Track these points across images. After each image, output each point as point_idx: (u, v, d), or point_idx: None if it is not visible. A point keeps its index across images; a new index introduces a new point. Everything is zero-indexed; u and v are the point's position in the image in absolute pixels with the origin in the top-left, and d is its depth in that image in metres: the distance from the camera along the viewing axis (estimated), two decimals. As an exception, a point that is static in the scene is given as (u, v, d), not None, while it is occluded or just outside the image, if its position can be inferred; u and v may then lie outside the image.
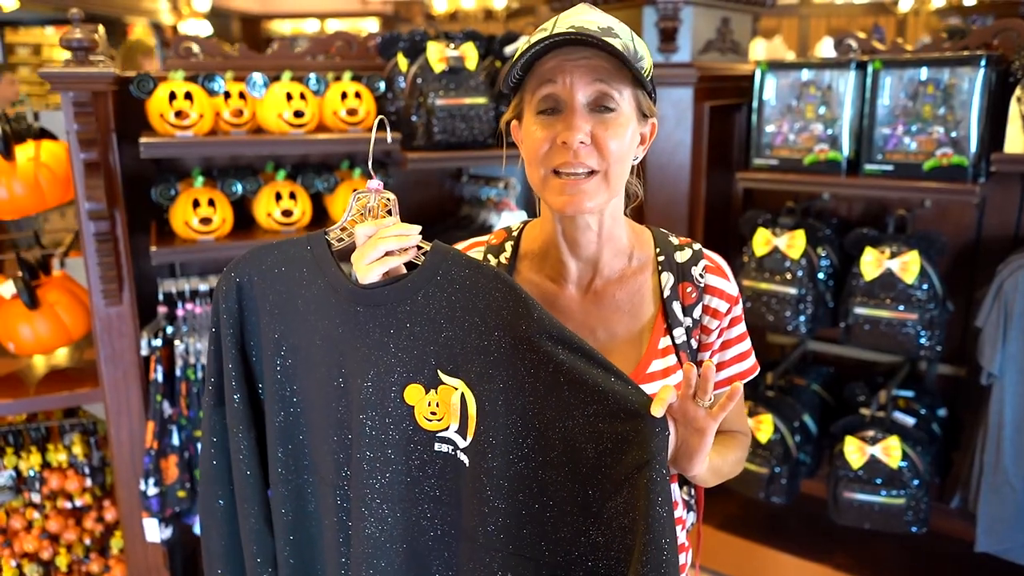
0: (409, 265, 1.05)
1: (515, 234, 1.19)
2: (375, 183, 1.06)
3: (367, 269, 1.00)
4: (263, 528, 1.16)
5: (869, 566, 2.54)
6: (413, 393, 1.02)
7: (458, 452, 1.03)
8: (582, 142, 0.99)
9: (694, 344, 1.12)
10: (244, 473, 1.14)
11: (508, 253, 1.17)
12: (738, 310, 1.13)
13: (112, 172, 2.04)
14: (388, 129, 1.20)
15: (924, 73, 2.22)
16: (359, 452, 1.04)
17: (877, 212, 2.59)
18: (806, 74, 2.42)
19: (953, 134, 2.17)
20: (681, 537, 1.21)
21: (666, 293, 1.11)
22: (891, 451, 2.28)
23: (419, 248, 1.03)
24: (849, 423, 2.40)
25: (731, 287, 1.13)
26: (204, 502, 1.19)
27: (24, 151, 2.13)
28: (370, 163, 1.12)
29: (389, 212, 1.06)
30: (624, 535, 0.94)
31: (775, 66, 2.49)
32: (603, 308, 1.11)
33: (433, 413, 1.02)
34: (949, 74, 2.18)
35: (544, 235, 1.14)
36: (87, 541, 2.31)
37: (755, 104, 2.51)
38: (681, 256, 1.13)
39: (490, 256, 1.18)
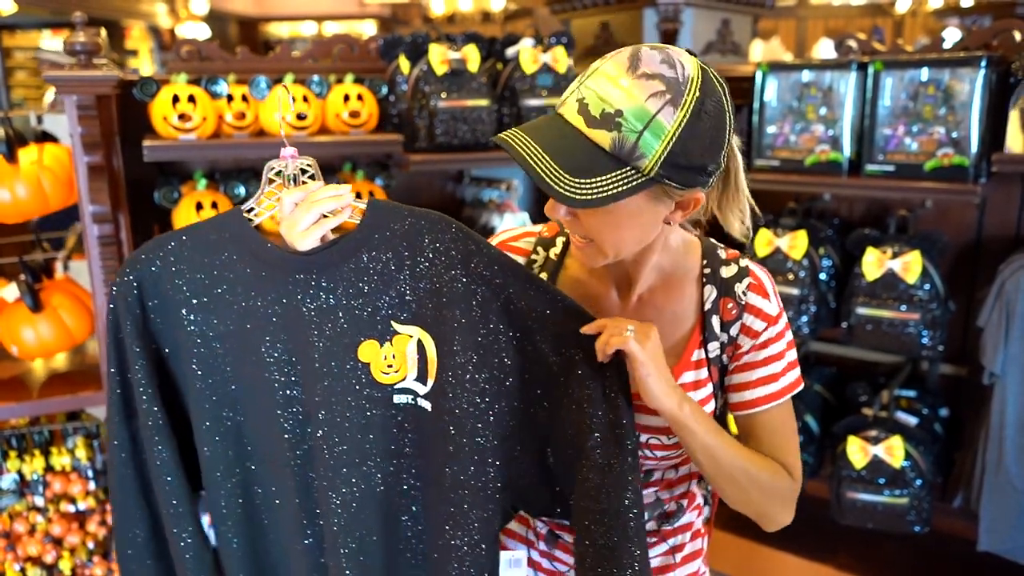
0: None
1: (545, 232, 1.20)
2: (290, 150, 1.04)
3: (304, 235, 0.99)
4: (198, 543, 1.09)
5: (871, 566, 2.55)
6: (367, 350, 1.02)
7: (418, 400, 1.04)
8: (564, 218, 1.00)
9: (725, 360, 1.11)
10: (167, 484, 1.06)
11: (558, 249, 1.17)
12: (773, 331, 1.09)
13: (116, 175, 2.04)
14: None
15: (925, 74, 2.22)
16: (317, 424, 1.03)
17: (878, 212, 2.60)
18: (807, 75, 2.42)
19: (954, 134, 2.18)
20: (698, 523, 1.23)
21: (707, 306, 1.10)
22: (894, 451, 2.28)
23: (354, 207, 1.03)
24: (851, 423, 2.41)
25: (770, 307, 1.10)
26: (121, 531, 1.10)
27: (27, 154, 2.13)
28: (282, 130, 1.11)
29: (312, 177, 1.05)
30: (579, 453, 1.00)
31: (776, 67, 2.50)
32: (645, 314, 1.11)
33: (390, 366, 1.03)
34: (950, 75, 2.19)
35: None
36: (90, 544, 2.30)
37: (756, 105, 2.52)
38: (727, 271, 1.11)
39: (540, 248, 1.18)
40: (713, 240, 1.17)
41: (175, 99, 2.03)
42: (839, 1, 8.91)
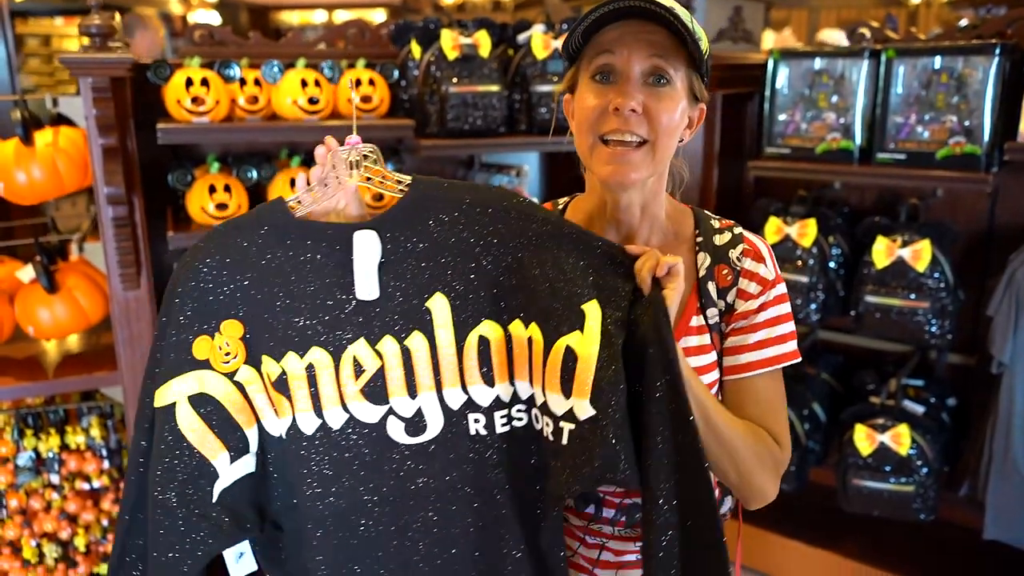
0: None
1: (560, 207, 1.21)
2: (355, 137, 1.06)
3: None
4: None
5: (877, 554, 2.56)
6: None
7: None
8: (633, 110, 1.01)
9: (723, 327, 1.11)
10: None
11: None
12: (770, 296, 1.10)
13: (130, 157, 2.06)
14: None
15: (938, 62, 2.22)
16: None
17: (889, 201, 2.60)
18: (819, 63, 2.42)
19: (966, 123, 2.18)
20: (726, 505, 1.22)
21: (701, 273, 1.11)
22: (900, 439, 2.29)
23: (399, 182, 1.06)
24: (859, 411, 2.41)
25: (766, 271, 1.10)
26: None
27: (42, 137, 2.15)
28: (354, 117, 1.11)
29: (375, 163, 1.07)
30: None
31: (788, 55, 2.49)
32: None
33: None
34: (963, 63, 2.18)
35: (589, 208, 1.16)
36: (104, 522, 2.34)
37: (767, 93, 2.51)
38: (720, 239, 1.13)
39: None
40: (706, 210, 1.18)
41: (188, 82, 2.05)
42: (852, -10, 8.83)
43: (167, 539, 0.99)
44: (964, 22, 2.40)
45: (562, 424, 0.99)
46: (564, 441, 0.98)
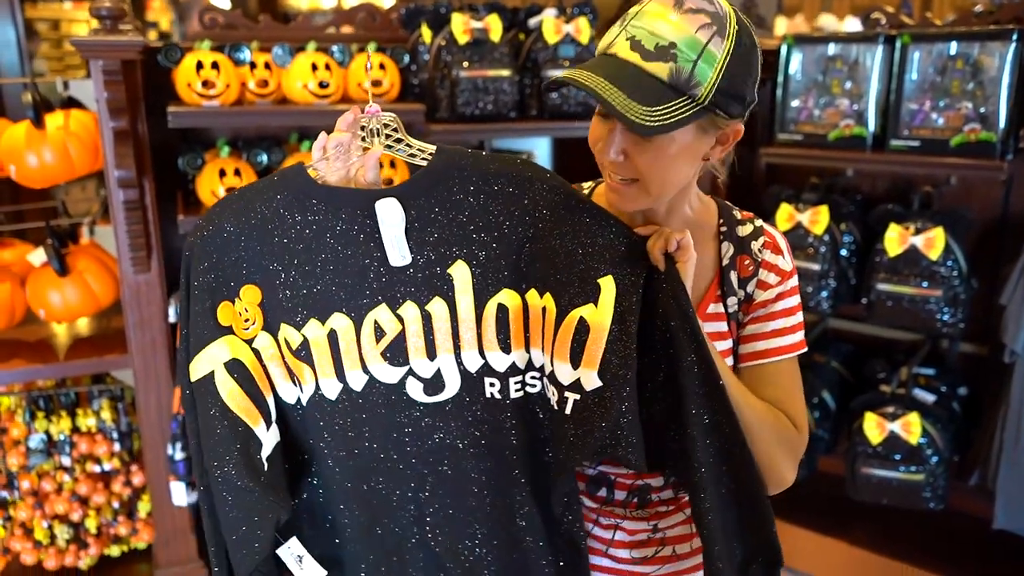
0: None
1: (587, 192, 1.21)
2: (374, 107, 1.06)
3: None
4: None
5: (886, 542, 2.55)
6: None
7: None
8: (615, 159, 1.01)
9: (742, 316, 1.13)
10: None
11: None
12: (787, 286, 1.13)
13: (141, 140, 2.06)
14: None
15: (954, 48, 2.19)
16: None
17: (902, 188, 2.57)
18: (833, 48, 2.39)
19: (982, 110, 2.15)
20: None
21: (724, 262, 1.13)
22: (911, 427, 2.28)
23: (421, 151, 1.06)
24: (869, 399, 2.40)
25: (784, 263, 1.13)
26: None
27: (54, 120, 2.15)
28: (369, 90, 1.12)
29: (395, 131, 1.07)
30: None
31: (801, 40, 2.47)
32: None
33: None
34: (979, 49, 2.15)
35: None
36: (115, 504, 2.36)
37: (780, 79, 2.49)
38: (743, 230, 1.15)
39: None
40: (727, 202, 1.20)
41: (199, 66, 2.04)
42: (866, -23, 8.74)
43: (235, 515, 0.99)
44: (979, 8, 2.36)
45: (567, 394, 1.01)
46: (568, 411, 1.01)
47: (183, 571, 2.37)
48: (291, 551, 1.07)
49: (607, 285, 0.99)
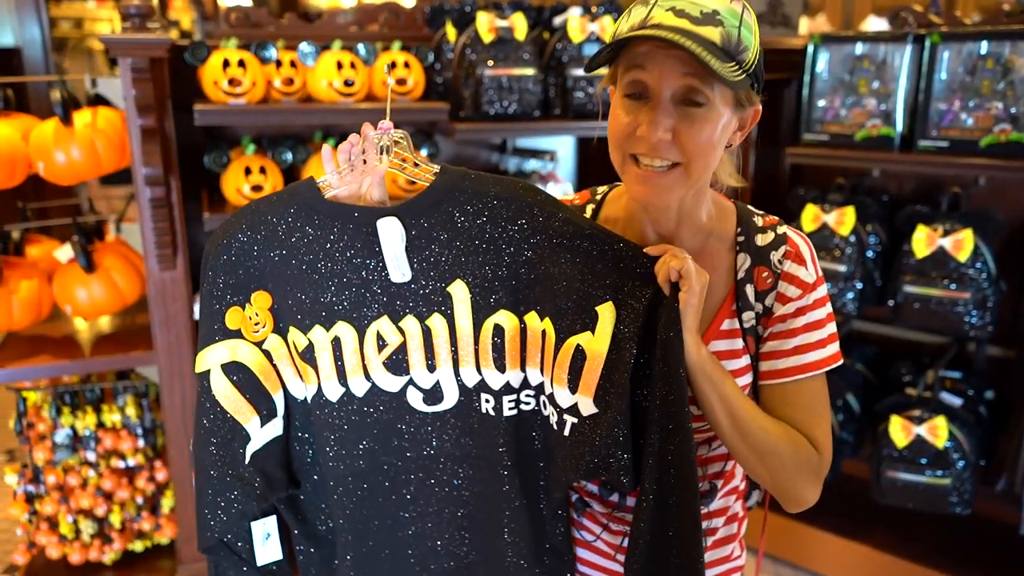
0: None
1: (598, 197, 1.18)
2: (387, 123, 1.06)
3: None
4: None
5: (910, 547, 2.53)
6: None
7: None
8: (663, 137, 0.95)
9: (760, 331, 1.07)
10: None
11: (588, 215, 1.16)
12: (809, 299, 1.05)
13: (167, 138, 2.07)
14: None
15: (984, 47, 2.16)
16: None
17: (929, 189, 2.54)
18: (860, 48, 2.37)
19: (1012, 110, 2.12)
20: (736, 508, 1.22)
21: (740, 275, 1.07)
22: (937, 431, 2.25)
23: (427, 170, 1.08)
24: (894, 402, 2.38)
25: (807, 274, 1.06)
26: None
27: (81, 117, 2.16)
28: (388, 104, 1.14)
29: (405, 148, 1.07)
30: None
31: (828, 39, 2.45)
32: None
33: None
34: (1010, 48, 2.12)
35: (627, 203, 1.13)
36: (139, 500, 2.37)
37: (807, 78, 2.47)
38: (762, 239, 1.08)
39: None
40: (750, 206, 1.14)
41: (225, 64, 2.05)
42: (890, -25, 8.65)
43: (203, 497, 1.10)
44: (1007, 7, 2.33)
45: (566, 417, 1.03)
46: (566, 433, 1.04)
47: (206, 567, 2.38)
48: (263, 527, 1.14)
49: (605, 312, 0.99)
